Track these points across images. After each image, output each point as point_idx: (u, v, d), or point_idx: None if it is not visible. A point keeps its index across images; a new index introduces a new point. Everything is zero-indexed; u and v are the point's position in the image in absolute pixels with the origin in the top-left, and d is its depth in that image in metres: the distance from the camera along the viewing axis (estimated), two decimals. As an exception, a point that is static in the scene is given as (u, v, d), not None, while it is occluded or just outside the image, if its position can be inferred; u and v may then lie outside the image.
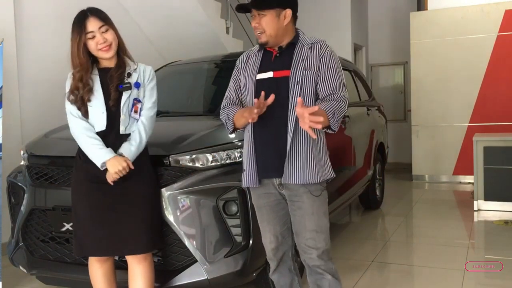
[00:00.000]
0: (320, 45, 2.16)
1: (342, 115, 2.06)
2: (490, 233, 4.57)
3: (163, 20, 5.73)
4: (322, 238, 2.16)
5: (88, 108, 2.31)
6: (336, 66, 2.15)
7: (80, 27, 2.26)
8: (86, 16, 2.27)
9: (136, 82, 2.36)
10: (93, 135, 2.30)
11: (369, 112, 5.10)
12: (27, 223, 2.91)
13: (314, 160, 2.11)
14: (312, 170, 2.10)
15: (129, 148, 2.31)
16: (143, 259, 2.39)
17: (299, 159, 2.10)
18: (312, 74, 2.12)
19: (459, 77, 7.04)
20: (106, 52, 2.30)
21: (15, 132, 4.21)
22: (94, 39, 2.27)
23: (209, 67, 4.20)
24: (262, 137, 2.16)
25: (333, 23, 8.09)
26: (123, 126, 2.33)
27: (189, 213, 2.54)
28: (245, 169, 2.21)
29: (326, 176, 2.17)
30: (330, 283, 2.20)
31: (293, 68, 2.13)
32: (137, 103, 2.36)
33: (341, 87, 2.12)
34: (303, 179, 2.09)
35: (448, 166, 7.22)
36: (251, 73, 2.23)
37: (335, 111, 2.03)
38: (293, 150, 2.10)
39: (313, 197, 2.13)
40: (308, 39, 2.19)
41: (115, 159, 2.26)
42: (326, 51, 2.15)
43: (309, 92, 2.12)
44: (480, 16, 6.90)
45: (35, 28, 4.49)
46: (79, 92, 2.29)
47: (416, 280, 3.48)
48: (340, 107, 2.05)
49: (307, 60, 2.13)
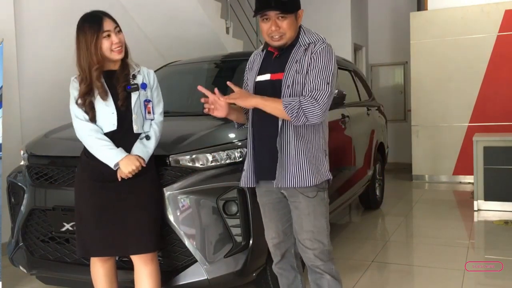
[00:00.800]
0: (315, 45, 2.10)
1: (309, 111, 1.98)
2: (490, 233, 4.57)
3: (163, 20, 5.73)
4: (319, 238, 2.15)
5: (95, 110, 2.31)
6: (323, 63, 2.05)
7: (97, 26, 2.25)
8: (101, 17, 2.29)
9: (142, 83, 2.39)
10: (102, 136, 2.30)
11: (369, 112, 5.10)
12: (27, 223, 2.91)
13: (307, 162, 2.09)
14: (304, 173, 2.08)
15: (143, 148, 2.34)
16: (150, 260, 2.39)
17: (290, 162, 2.09)
18: (302, 77, 2.07)
19: (459, 77, 7.04)
20: (119, 53, 2.31)
21: (15, 132, 4.21)
22: (109, 39, 2.27)
23: (209, 67, 4.20)
24: (258, 138, 2.19)
25: (333, 23, 8.09)
26: (136, 126, 2.35)
27: (189, 213, 2.54)
28: (245, 169, 2.25)
29: (321, 179, 2.14)
30: (329, 283, 2.20)
31: (286, 71, 2.11)
32: (148, 103, 2.40)
33: (321, 85, 2.02)
34: (294, 183, 2.08)
35: (448, 166, 7.22)
36: (252, 75, 2.24)
37: (295, 104, 1.98)
38: (282, 153, 2.10)
39: (308, 198, 2.13)
40: (307, 38, 2.15)
41: (128, 159, 2.27)
42: (318, 49, 2.08)
43: (299, 95, 2.06)
44: (480, 16, 6.90)
45: (35, 28, 4.49)
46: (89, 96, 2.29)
47: (416, 280, 3.48)
48: (304, 103, 1.98)
49: (299, 63, 2.09)
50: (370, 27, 9.20)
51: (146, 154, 2.35)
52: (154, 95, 2.46)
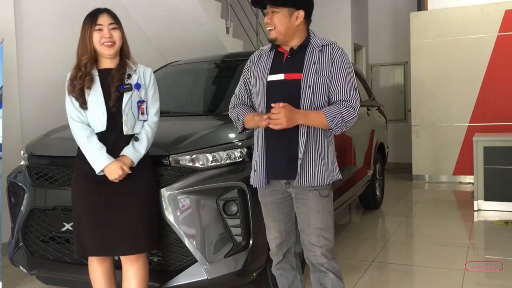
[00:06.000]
0: (331, 47, 2.17)
1: (348, 120, 2.11)
2: (490, 233, 4.57)
3: (163, 20, 5.73)
4: (326, 236, 2.18)
5: (86, 100, 2.33)
6: (347, 69, 2.16)
7: (91, 20, 2.34)
8: (100, 12, 2.37)
9: (136, 83, 2.39)
10: (93, 140, 2.31)
11: (369, 112, 5.10)
12: (27, 223, 2.91)
13: (324, 163, 2.16)
14: (321, 173, 2.15)
15: (133, 151, 2.34)
16: (135, 259, 2.39)
17: (310, 162, 2.14)
18: (323, 78, 2.13)
19: (459, 77, 7.04)
20: (108, 48, 2.33)
21: (15, 132, 4.21)
22: (100, 32, 2.32)
23: (209, 67, 4.20)
24: (273, 139, 2.19)
25: (333, 23, 8.10)
26: (126, 127, 2.34)
27: (189, 213, 2.54)
28: (256, 170, 2.24)
29: (334, 178, 2.22)
30: (333, 282, 2.21)
31: (305, 72, 2.13)
32: (142, 104, 2.39)
33: (352, 92, 2.14)
34: (313, 182, 2.14)
35: (448, 166, 7.22)
36: (262, 74, 2.23)
37: (337, 115, 2.08)
38: (306, 153, 2.13)
39: (320, 197, 2.17)
40: (319, 41, 2.19)
41: (112, 166, 2.28)
42: (338, 54, 2.16)
43: (320, 96, 2.14)
44: (480, 16, 6.90)
45: (35, 28, 4.48)
46: (79, 81, 2.32)
47: (416, 280, 3.48)
48: (344, 113, 2.09)
49: (318, 63, 2.14)
50: (370, 27, 9.21)
51: (136, 156, 2.35)
52: (150, 94, 2.44)
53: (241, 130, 2.33)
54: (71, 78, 2.36)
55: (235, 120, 2.32)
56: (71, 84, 2.35)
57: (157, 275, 2.56)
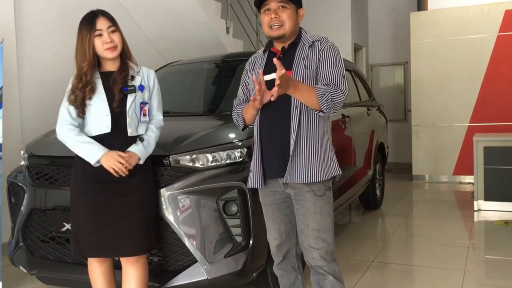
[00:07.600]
0: (320, 42, 2.17)
1: (337, 101, 2.02)
2: (490, 233, 4.57)
3: (163, 20, 5.73)
4: (324, 238, 2.16)
5: (87, 109, 2.32)
6: (334, 58, 2.12)
7: (90, 25, 2.30)
8: (96, 15, 2.32)
9: (140, 85, 2.39)
10: (82, 135, 2.31)
11: (369, 112, 5.10)
12: (27, 223, 2.91)
13: (318, 158, 2.12)
14: (315, 169, 2.11)
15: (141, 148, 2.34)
16: (135, 261, 2.38)
17: (302, 158, 2.11)
18: (312, 72, 2.12)
19: (459, 77, 7.04)
20: (111, 52, 2.32)
21: (15, 132, 4.21)
22: (101, 38, 2.30)
23: (209, 67, 4.20)
24: (267, 138, 2.18)
25: (333, 23, 8.10)
26: (130, 128, 2.34)
27: (189, 213, 2.54)
28: (252, 170, 2.24)
29: (332, 174, 2.17)
30: (332, 284, 2.20)
31: (294, 68, 2.13)
32: (144, 106, 2.40)
33: (340, 78, 2.09)
34: (305, 178, 2.10)
35: (448, 166, 7.22)
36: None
37: (326, 93, 2.01)
38: (296, 149, 2.11)
39: (316, 196, 2.14)
40: (310, 38, 2.19)
41: (108, 153, 2.27)
42: (326, 46, 2.15)
43: None
44: (480, 16, 6.90)
45: (35, 28, 4.49)
46: (80, 91, 2.30)
47: (416, 280, 3.48)
48: (333, 93, 2.02)
49: (307, 59, 2.14)
50: (370, 27, 9.20)
51: (144, 154, 2.35)
52: (154, 98, 2.46)
53: (243, 127, 2.33)
54: (73, 89, 2.33)
55: (236, 120, 2.33)
56: (72, 94, 2.33)
57: (157, 275, 2.56)
